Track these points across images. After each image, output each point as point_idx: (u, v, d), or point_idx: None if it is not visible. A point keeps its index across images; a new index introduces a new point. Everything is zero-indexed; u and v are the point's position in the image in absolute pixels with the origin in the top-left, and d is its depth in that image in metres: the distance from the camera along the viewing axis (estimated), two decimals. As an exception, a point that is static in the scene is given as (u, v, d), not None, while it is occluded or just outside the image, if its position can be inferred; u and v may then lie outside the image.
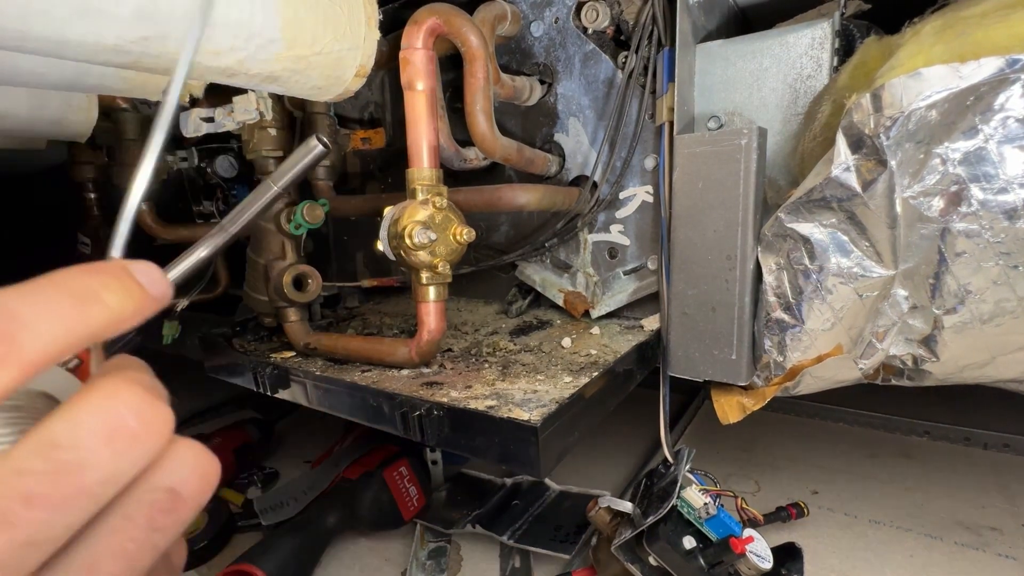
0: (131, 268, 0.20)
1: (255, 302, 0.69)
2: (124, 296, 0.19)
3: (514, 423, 0.42)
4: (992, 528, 0.68)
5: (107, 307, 0.18)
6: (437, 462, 0.86)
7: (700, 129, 0.61)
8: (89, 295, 0.18)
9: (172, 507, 0.18)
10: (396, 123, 0.84)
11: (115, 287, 0.19)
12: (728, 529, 0.52)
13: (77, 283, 0.18)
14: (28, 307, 0.16)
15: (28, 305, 0.16)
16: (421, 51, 0.50)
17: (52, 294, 0.17)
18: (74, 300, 0.17)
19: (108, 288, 0.18)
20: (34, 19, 0.31)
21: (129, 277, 0.19)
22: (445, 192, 0.52)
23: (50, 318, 0.17)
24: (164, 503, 0.18)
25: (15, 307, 0.16)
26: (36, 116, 0.64)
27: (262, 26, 0.39)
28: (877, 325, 0.51)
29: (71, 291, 0.18)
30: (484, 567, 0.70)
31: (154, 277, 0.20)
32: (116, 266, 0.19)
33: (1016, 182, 0.41)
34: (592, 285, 0.70)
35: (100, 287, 0.18)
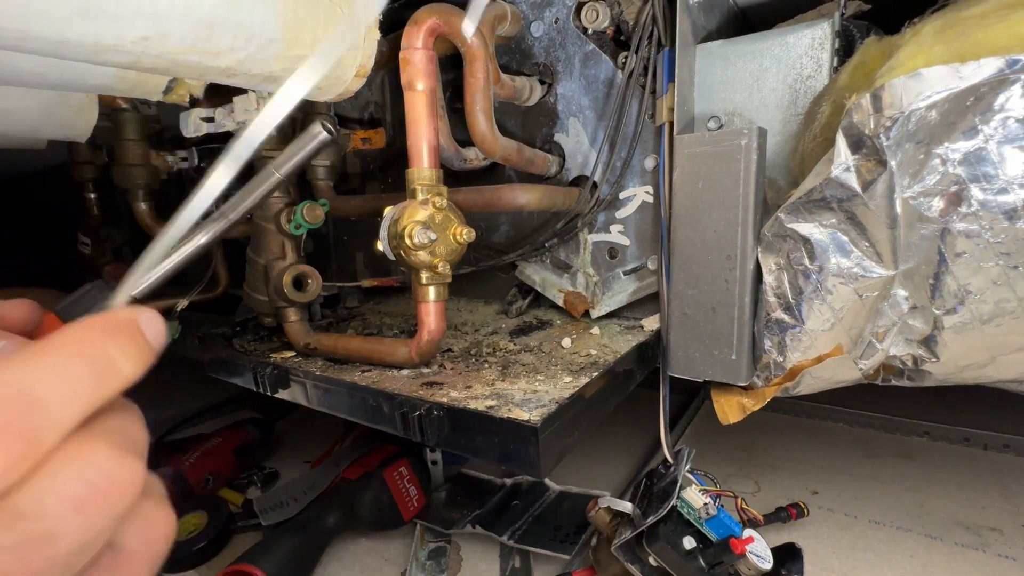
0: (141, 323, 0.19)
1: (255, 302, 0.69)
2: (137, 360, 0.19)
3: (514, 423, 0.42)
4: (992, 528, 0.68)
5: (122, 376, 0.18)
6: (437, 462, 0.86)
7: (700, 129, 0.61)
8: (108, 365, 0.18)
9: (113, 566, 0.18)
10: (396, 123, 0.84)
11: (131, 351, 0.19)
12: (728, 529, 0.52)
13: (96, 351, 0.18)
14: (49, 388, 0.16)
15: (49, 386, 0.16)
16: (421, 51, 0.50)
17: (73, 369, 0.17)
18: (93, 374, 0.17)
19: (125, 354, 0.18)
20: (34, 19, 0.31)
21: (142, 337, 0.19)
22: (445, 192, 0.52)
23: (71, 400, 0.16)
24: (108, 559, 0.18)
25: (36, 390, 0.16)
26: (36, 116, 0.64)
27: (262, 26, 0.39)
28: (877, 325, 0.51)
29: (91, 361, 0.17)
30: (484, 567, 0.70)
31: (157, 329, 0.20)
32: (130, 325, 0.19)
33: (1016, 182, 0.41)
34: (592, 285, 0.70)
35: (118, 354, 0.18)
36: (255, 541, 0.70)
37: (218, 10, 0.37)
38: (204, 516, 0.78)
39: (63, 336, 0.17)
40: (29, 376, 0.16)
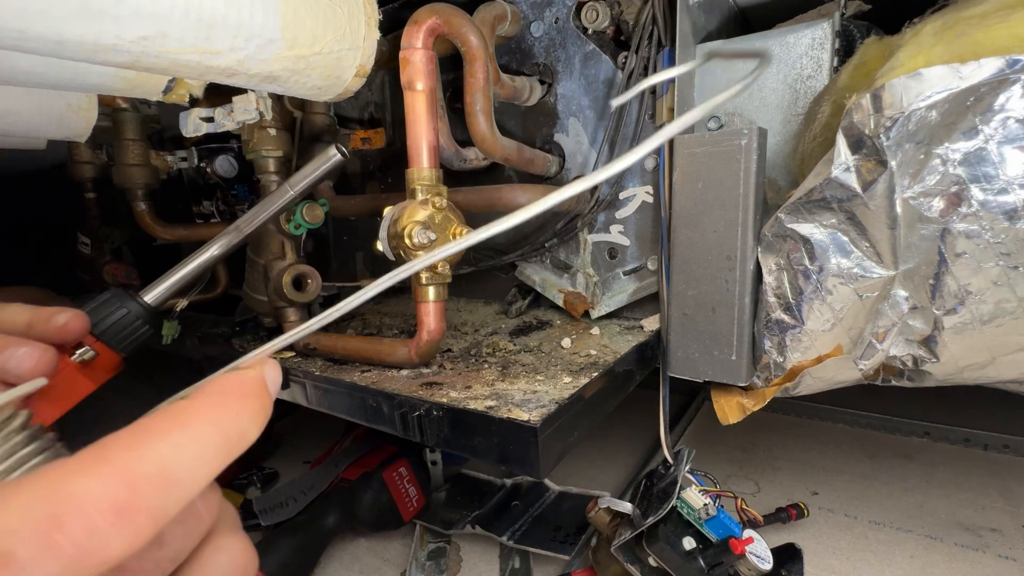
0: (268, 381, 0.20)
1: (255, 302, 0.69)
2: (263, 422, 0.19)
3: (514, 423, 0.42)
4: (992, 529, 0.68)
5: (248, 442, 0.18)
6: (437, 462, 0.86)
7: (700, 129, 0.60)
8: (239, 436, 0.18)
9: None
10: (396, 123, 0.84)
11: (259, 416, 0.19)
12: (728, 530, 0.52)
13: (232, 423, 0.18)
14: (183, 464, 0.16)
15: (183, 461, 0.16)
16: (421, 51, 0.50)
17: (208, 440, 0.17)
18: (225, 447, 0.17)
19: (254, 420, 0.19)
20: (33, 18, 0.31)
21: (268, 397, 0.20)
22: (445, 192, 0.52)
23: (201, 475, 0.17)
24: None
25: (172, 466, 0.16)
26: (36, 116, 0.64)
27: (262, 26, 0.39)
28: (877, 326, 0.51)
29: (226, 434, 0.18)
30: (484, 568, 0.70)
31: (277, 383, 0.20)
32: (260, 386, 0.19)
33: (1016, 183, 0.40)
34: (592, 285, 0.70)
35: (249, 422, 0.18)
36: (255, 541, 0.70)
37: (218, 10, 0.37)
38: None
39: (197, 401, 0.18)
40: (168, 449, 0.16)
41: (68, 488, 0.14)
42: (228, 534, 0.20)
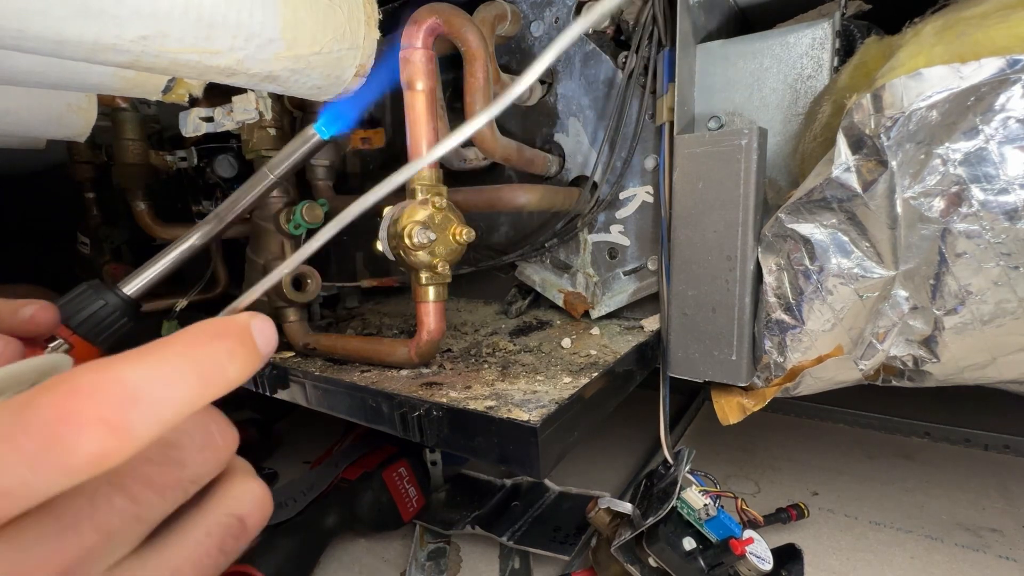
0: (253, 329, 0.20)
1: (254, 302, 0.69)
2: (245, 364, 0.19)
3: (513, 424, 0.42)
4: (993, 529, 0.68)
5: (227, 379, 0.18)
6: (436, 463, 0.86)
7: (700, 129, 0.60)
8: (214, 368, 0.18)
9: (239, 533, 0.21)
10: (396, 123, 0.84)
11: (240, 355, 0.19)
12: (728, 530, 0.52)
13: (203, 354, 0.18)
14: (153, 388, 0.16)
15: (153, 386, 0.16)
16: (421, 51, 0.50)
17: (180, 371, 0.17)
18: (200, 379, 0.17)
19: (234, 357, 0.19)
20: (32, 18, 0.31)
21: (252, 342, 0.19)
22: (445, 192, 0.52)
23: (171, 402, 0.17)
24: (235, 528, 0.20)
25: (140, 388, 0.16)
26: (36, 116, 0.64)
27: (262, 26, 0.39)
28: (877, 326, 0.51)
29: (199, 366, 0.18)
30: (483, 568, 0.70)
31: (268, 336, 0.20)
32: (243, 330, 0.19)
33: (1017, 183, 0.40)
34: (592, 285, 0.70)
35: (227, 357, 0.18)
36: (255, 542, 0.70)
37: (218, 9, 0.37)
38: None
39: (173, 337, 0.18)
40: (129, 370, 0.16)
41: (34, 400, 0.15)
42: (247, 477, 0.22)
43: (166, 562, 0.19)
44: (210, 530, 0.20)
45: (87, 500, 0.16)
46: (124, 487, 0.17)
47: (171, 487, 0.18)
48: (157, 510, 0.18)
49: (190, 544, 0.19)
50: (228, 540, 0.20)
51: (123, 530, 0.17)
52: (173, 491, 0.18)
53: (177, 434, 0.19)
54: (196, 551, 0.19)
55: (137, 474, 0.17)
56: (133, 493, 0.17)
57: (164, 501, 0.18)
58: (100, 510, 0.17)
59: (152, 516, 0.18)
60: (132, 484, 0.17)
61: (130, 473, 0.17)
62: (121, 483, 0.17)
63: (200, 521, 0.20)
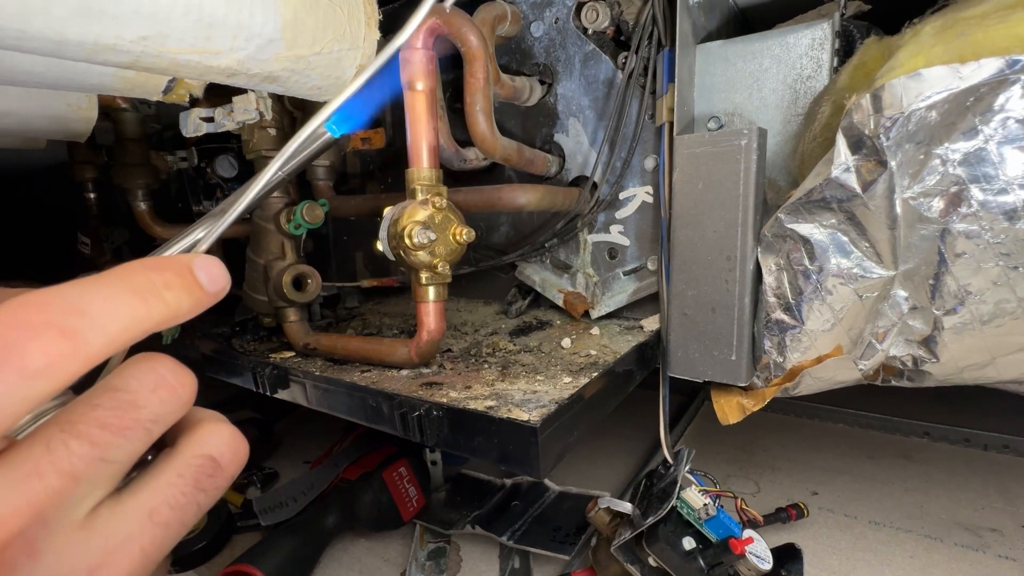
0: (194, 265, 0.21)
1: (255, 302, 0.69)
2: (184, 294, 0.20)
3: (513, 424, 0.42)
4: (992, 529, 0.68)
5: (167, 304, 0.20)
6: (437, 463, 0.86)
7: (700, 130, 0.61)
8: (151, 292, 0.20)
9: (213, 471, 0.21)
10: (396, 123, 0.84)
11: (176, 285, 0.20)
12: (728, 530, 0.52)
13: (141, 279, 0.20)
14: (94, 303, 0.18)
15: (94, 301, 0.18)
16: (421, 51, 0.50)
17: (116, 290, 0.19)
18: (137, 297, 0.19)
19: (169, 286, 0.20)
20: (33, 18, 0.31)
21: (190, 275, 0.21)
22: (445, 192, 0.52)
23: (113, 314, 0.18)
24: (207, 468, 0.21)
25: (82, 302, 0.18)
26: (36, 116, 0.64)
27: (262, 26, 0.39)
28: (877, 326, 0.51)
29: (135, 287, 0.19)
30: (483, 568, 0.70)
31: (214, 274, 0.22)
32: (180, 263, 0.21)
33: (1016, 183, 0.41)
34: (592, 285, 0.70)
35: (162, 285, 0.20)
36: (255, 541, 0.70)
37: (218, 10, 0.37)
38: (204, 516, 0.78)
39: (110, 270, 0.19)
40: (73, 290, 0.18)
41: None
42: (217, 421, 0.23)
43: (143, 502, 0.20)
44: (182, 471, 0.21)
45: (43, 448, 0.17)
46: (78, 432, 0.18)
47: (130, 428, 0.19)
48: (122, 450, 0.19)
49: (164, 485, 0.20)
50: (203, 479, 0.21)
51: (90, 472, 0.18)
52: (134, 431, 0.19)
53: (123, 378, 0.19)
54: (171, 490, 0.20)
55: (89, 419, 0.18)
56: (89, 436, 0.18)
57: (128, 441, 0.19)
58: (58, 454, 0.17)
59: (118, 456, 0.19)
60: (86, 428, 0.18)
61: (81, 419, 0.18)
62: (73, 429, 0.18)
63: (171, 464, 0.21)
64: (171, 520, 0.20)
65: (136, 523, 0.19)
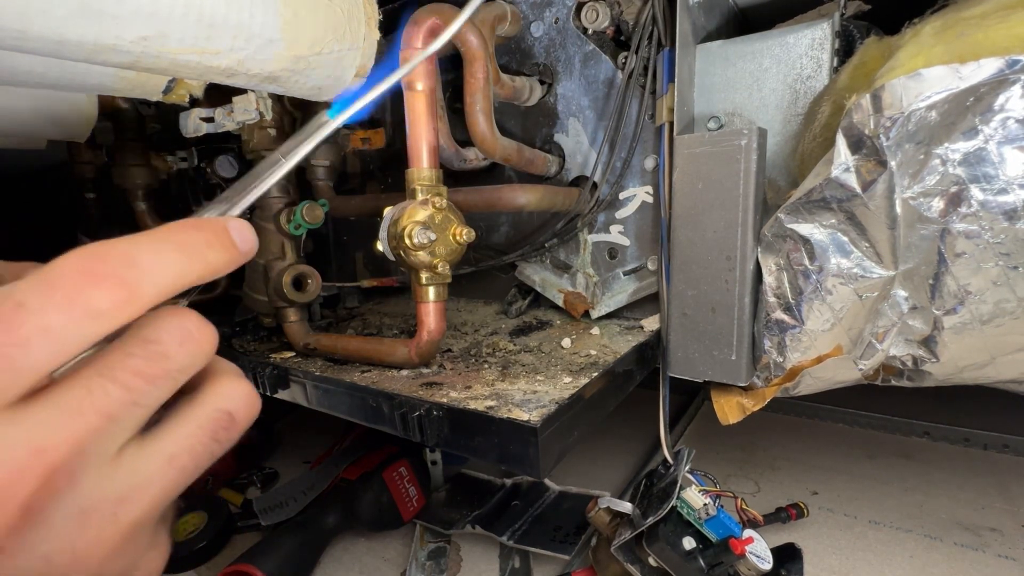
0: (229, 227, 0.24)
1: (255, 302, 0.69)
2: (222, 252, 0.23)
3: (513, 424, 0.42)
4: (992, 529, 0.68)
5: (207, 262, 0.22)
6: (437, 462, 0.86)
7: (700, 129, 0.60)
8: (195, 250, 0.22)
9: (229, 425, 0.23)
10: (396, 123, 0.84)
11: (216, 244, 0.23)
12: (728, 530, 0.52)
13: (186, 238, 0.22)
14: (146, 257, 0.20)
15: (146, 255, 0.20)
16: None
17: (165, 247, 0.21)
18: (182, 254, 0.21)
19: (210, 245, 0.22)
20: (33, 18, 0.31)
21: (227, 235, 0.23)
22: (445, 192, 0.52)
23: (163, 268, 0.21)
24: (224, 421, 0.23)
25: (137, 256, 0.20)
26: (36, 116, 0.64)
27: (262, 26, 0.39)
28: (877, 326, 0.51)
29: (180, 245, 0.22)
30: (484, 567, 0.70)
31: (245, 235, 0.24)
32: (217, 224, 0.23)
33: (1016, 183, 0.41)
34: (592, 285, 0.70)
35: (204, 244, 0.22)
36: (255, 541, 0.70)
37: (218, 10, 0.37)
38: (204, 516, 0.78)
39: (158, 228, 0.22)
40: (130, 246, 0.20)
41: (56, 265, 0.19)
42: (235, 376, 0.25)
43: (165, 448, 0.22)
44: (201, 423, 0.23)
45: (85, 390, 0.19)
46: (115, 378, 0.20)
47: (160, 376, 0.21)
48: (151, 396, 0.21)
49: (184, 434, 0.22)
50: (219, 431, 0.23)
51: (123, 414, 0.20)
52: (163, 380, 0.21)
53: (155, 330, 0.21)
54: (190, 440, 0.22)
55: (125, 366, 0.20)
56: (124, 381, 0.20)
57: (156, 389, 0.21)
58: (97, 396, 0.19)
59: (147, 402, 0.21)
60: (122, 374, 0.20)
61: (118, 365, 0.20)
62: (111, 374, 0.20)
63: (192, 414, 0.23)
64: (188, 465, 0.22)
65: (158, 465, 0.21)
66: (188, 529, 0.75)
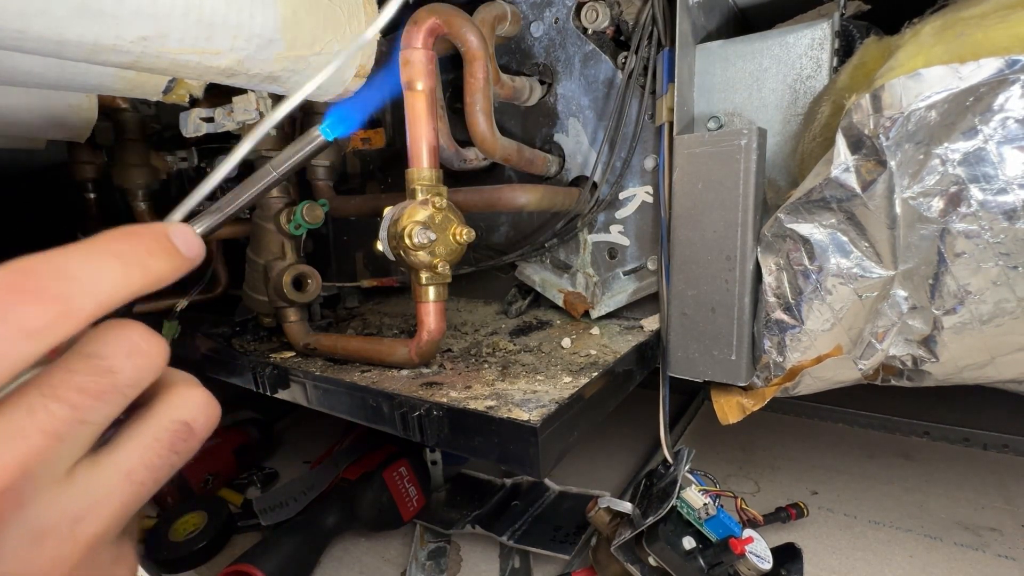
0: (170, 232, 0.22)
1: (255, 302, 0.69)
2: (164, 259, 0.22)
3: (513, 423, 0.42)
4: (992, 529, 0.68)
5: (149, 270, 0.21)
6: (437, 462, 0.86)
7: (700, 129, 0.61)
8: (135, 259, 0.21)
9: (188, 436, 0.23)
10: (396, 123, 0.84)
11: (156, 251, 0.22)
12: (728, 529, 0.52)
13: (123, 247, 0.21)
14: (82, 269, 0.19)
15: (82, 267, 0.19)
16: (421, 51, 0.50)
17: (101, 257, 0.20)
18: (121, 264, 0.20)
19: (151, 253, 0.21)
20: (33, 19, 0.31)
21: (168, 241, 0.22)
22: (445, 192, 0.52)
23: (100, 279, 0.20)
24: (182, 432, 0.22)
25: (70, 268, 0.19)
26: (36, 116, 0.64)
27: (262, 27, 0.39)
28: (877, 326, 0.51)
29: (118, 254, 0.20)
30: (484, 567, 0.70)
31: (189, 240, 0.23)
32: (157, 231, 0.22)
33: (1015, 183, 0.41)
34: (592, 285, 0.70)
35: (144, 252, 0.21)
36: (255, 541, 0.70)
37: (218, 10, 0.37)
38: (204, 516, 0.78)
39: (92, 238, 0.21)
40: (63, 258, 0.19)
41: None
42: (190, 385, 0.24)
43: (121, 462, 0.21)
44: (158, 435, 0.22)
45: (26, 411, 0.18)
46: (58, 396, 0.19)
47: (107, 392, 0.20)
48: (100, 412, 0.20)
49: (140, 447, 0.21)
50: (177, 442, 0.22)
51: (70, 433, 0.19)
52: (110, 395, 0.20)
53: (97, 345, 0.20)
54: (147, 453, 0.21)
55: (69, 383, 0.19)
56: (68, 399, 0.19)
57: (104, 404, 0.20)
58: (40, 416, 0.18)
59: (96, 418, 0.20)
60: (65, 392, 0.19)
61: (60, 384, 0.19)
62: (53, 393, 0.19)
63: (148, 427, 0.22)
64: (147, 480, 0.21)
65: (115, 480, 0.21)
66: (188, 529, 0.75)
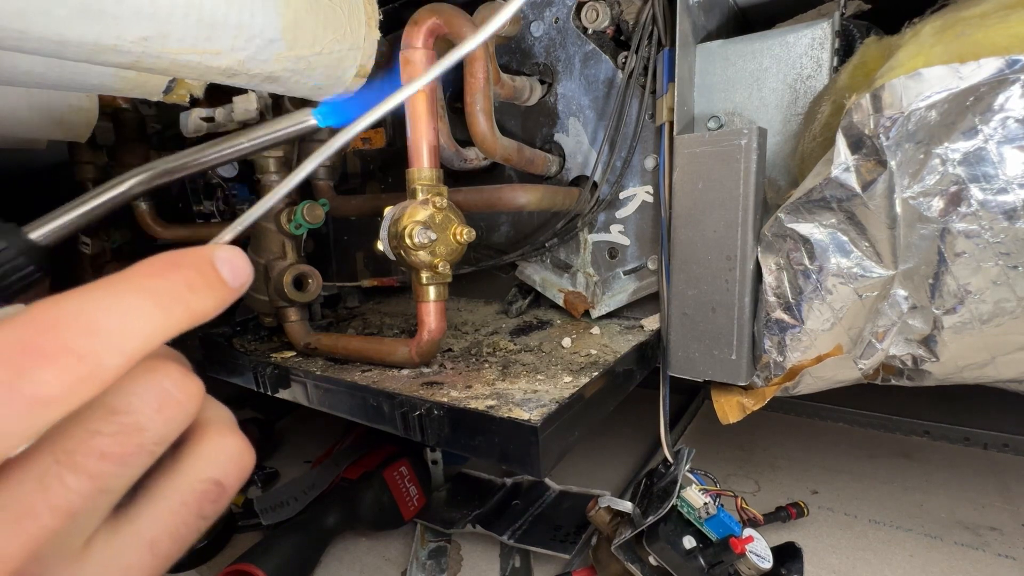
0: (215, 259, 0.19)
1: (255, 302, 0.69)
2: (207, 296, 0.18)
3: (514, 423, 0.42)
4: (992, 528, 0.68)
5: (189, 310, 0.18)
6: (437, 462, 0.86)
7: (700, 129, 0.61)
8: (174, 299, 0.18)
9: (217, 497, 0.20)
10: (396, 123, 0.84)
11: (199, 286, 0.18)
12: (728, 529, 0.52)
13: (160, 284, 0.18)
14: (110, 316, 0.16)
15: (110, 314, 0.16)
16: (421, 51, 0.50)
17: (134, 300, 0.17)
18: (158, 305, 0.17)
19: (193, 288, 0.18)
20: (34, 19, 0.31)
21: (214, 272, 0.19)
22: (445, 192, 0.52)
23: (132, 329, 0.17)
24: (212, 494, 0.19)
25: (97, 317, 0.16)
26: (36, 116, 0.64)
27: (262, 27, 0.39)
28: (877, 325, 0.51)
29: (155, 293, 0.17)
30: (484, 567, 0.70)
31: (237, 268, 0.19)
32: (202, 260, 0.19)
33: (1016, 182, 0.41)
34: (592, 285, 0.70)
35: (185, 288, 0.18)
36: (255, 541, 0.70)
37: (218, 10, 0.37)
38: (204, 516, 0.78)
39: (128, 269, 0.18)
40: (90, 304, 0.16)
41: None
42: (223, 431, 0.20)
43: (143, 531, 0.18)
44: (185, 498, 0.19)
45: (37, 484, 0.16)
46: (76, 465, 0.16)
47: (133, 454, 0.17)
48: (122, 480, 0.17)
49: (165, 514, 0.19)
50: (206, 505, 0.19)
51: (88, 506, 0.16)
52: (136, 457, 0.17)
53: (126, 398, 0.17)
54: (173, 519, 0.19)
55: (89, 449, 0.16)
56: (87, 468, 0.16)
57: (128, 468, 0.17)
58: (53, 491, 0.16)
59: (117, 486, 0.17)
60: (84, 459, 0.16)
61: (80, 449, 0.16)
62: (70, 461, 0.16)
63: (175, 488, 0.19)
64: (171, 551, 0.19)
65: (136, 553, 0.18)
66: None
